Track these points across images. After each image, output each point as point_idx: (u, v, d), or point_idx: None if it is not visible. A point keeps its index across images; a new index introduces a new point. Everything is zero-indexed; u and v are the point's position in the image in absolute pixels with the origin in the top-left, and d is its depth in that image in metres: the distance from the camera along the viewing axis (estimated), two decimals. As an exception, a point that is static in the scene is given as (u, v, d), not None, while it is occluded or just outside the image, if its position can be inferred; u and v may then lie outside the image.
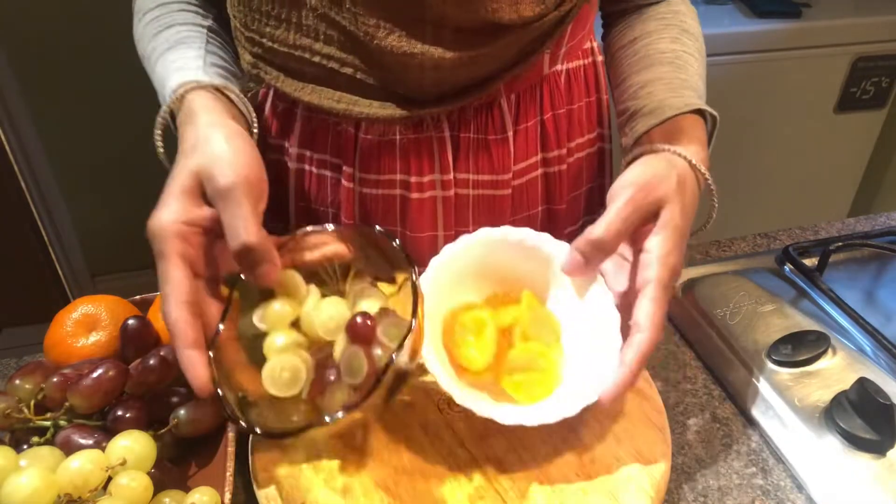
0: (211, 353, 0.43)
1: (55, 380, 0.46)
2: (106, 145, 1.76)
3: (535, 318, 0.50)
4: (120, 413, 0.46)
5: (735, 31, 1.52)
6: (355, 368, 0.44)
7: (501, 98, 0.63)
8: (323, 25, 0.56)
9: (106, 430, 0.46)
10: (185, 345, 0.42)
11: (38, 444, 0.44)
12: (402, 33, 0.55)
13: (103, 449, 0.42)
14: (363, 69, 0.58)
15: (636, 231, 0.48)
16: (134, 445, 0.42)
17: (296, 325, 0.48)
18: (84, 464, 0.40)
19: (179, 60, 0.56)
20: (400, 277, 0.48)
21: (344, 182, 0.65)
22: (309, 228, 0.49)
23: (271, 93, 0.69)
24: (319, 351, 0.47)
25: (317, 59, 0.58)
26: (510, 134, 0.65)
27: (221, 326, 0.45)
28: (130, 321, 0.51)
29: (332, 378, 0.45)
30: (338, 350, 0.46)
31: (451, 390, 0.44)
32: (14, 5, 1.58)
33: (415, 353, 0.45)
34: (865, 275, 0.71)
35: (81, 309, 0.54)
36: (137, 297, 0.59)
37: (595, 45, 0.72)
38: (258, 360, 0.46)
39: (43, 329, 0.54)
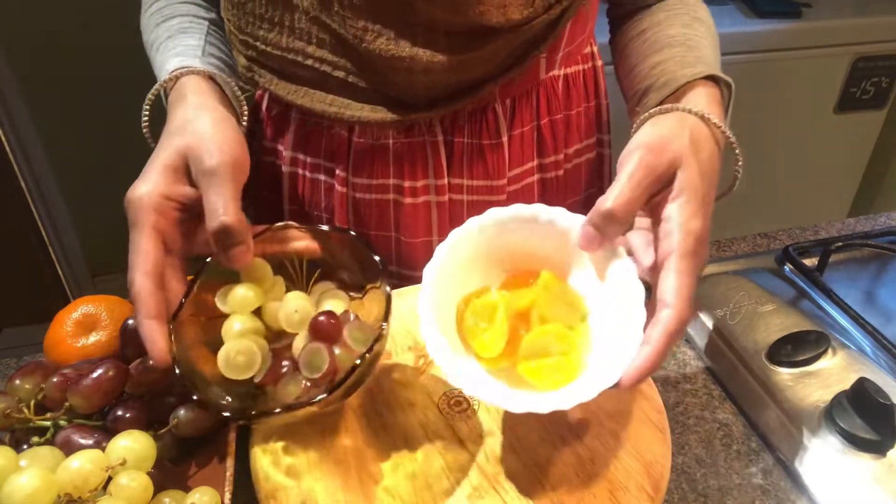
0: (171, 327, 0.44)
1: (55, 380, 0.46)
2: (106, 145, 1.76)
3: (553, 298, 0.47)
4: (120, 413, 0.46)
5: (735, 31, 1.52)
6: (316, 364, 0.45)
7: (496, 103, 0.63)
8: (315, 28, 0.56)
9: (106, 430, 0.46)
10: (147, 315, 0.43)
11: (38, 444, 0.44)
12: (391, 36, 0.54)
13: (103, 449, 0.42)
14: (355, 72, 0.58)
15: (652, 199, 0.45)
16: (134, 445, 0.42)
17: (257, 313, 0.48)
18: (84, 464, 0.40)
19: (179, 47, 0.57)
20: (368, 286, 0.49)
21: (337, 186, 0.65)
22: (281, 224, 0.50)
23: (266, 96, 0.69)
24: (276, 341, 0.48)
25: (309, 62, 0.58)
26: (505, 139, 0.64)
27: (184, 301, 0.46)
28: (130, 321, 0.51)
29: (285, 370, 0.46)
30: (298, 344, 0.47)
31: (457, 381, 0.42)
32: (14, 5, 1.58)
33: (378, 358, 0.46)
34: (865, 275, 0.71)
35: (81, 309, 0.54)
36: (137, 297, 0.59)
37: (595, 49, 0.71)
38: (217, 341, 0.46)
39: (43, 329, 0.54)
